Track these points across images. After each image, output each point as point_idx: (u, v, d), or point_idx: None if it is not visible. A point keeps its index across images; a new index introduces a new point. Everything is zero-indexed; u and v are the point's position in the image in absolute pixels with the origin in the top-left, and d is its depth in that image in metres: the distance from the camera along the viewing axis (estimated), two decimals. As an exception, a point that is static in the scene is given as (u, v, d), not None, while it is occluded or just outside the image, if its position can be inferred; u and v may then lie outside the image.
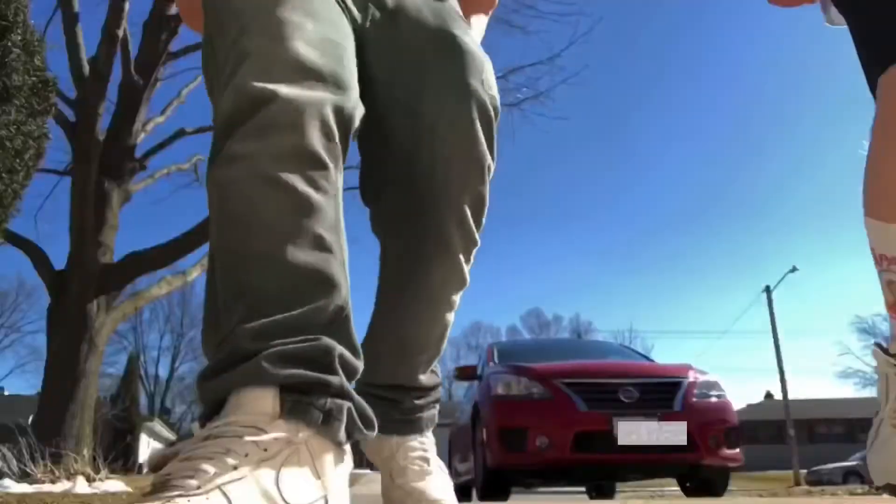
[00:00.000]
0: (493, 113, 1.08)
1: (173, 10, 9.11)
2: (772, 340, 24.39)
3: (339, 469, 0.69)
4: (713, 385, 4.96)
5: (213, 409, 0.69)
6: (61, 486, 5.20)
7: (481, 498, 4.92)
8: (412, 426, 1.19)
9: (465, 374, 6.24)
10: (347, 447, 0.71)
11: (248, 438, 0.63)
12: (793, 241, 67.62)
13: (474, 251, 1.14)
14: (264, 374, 0.66)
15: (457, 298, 1.16)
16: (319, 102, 0.77)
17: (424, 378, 1.20)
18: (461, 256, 1.11)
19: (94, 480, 5.58)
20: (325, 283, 0.73)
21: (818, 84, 69.73)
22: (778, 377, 24.62)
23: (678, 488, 5.52)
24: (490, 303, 73.61)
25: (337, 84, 0.80)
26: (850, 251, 70.45)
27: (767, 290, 25.20)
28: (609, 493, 7.80)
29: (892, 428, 1.34)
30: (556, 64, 9.85)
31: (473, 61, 1.07)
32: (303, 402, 0.67)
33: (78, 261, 7.44)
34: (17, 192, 4.34)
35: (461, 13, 1.19)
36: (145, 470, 34.33)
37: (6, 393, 38.26)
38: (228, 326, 0.71)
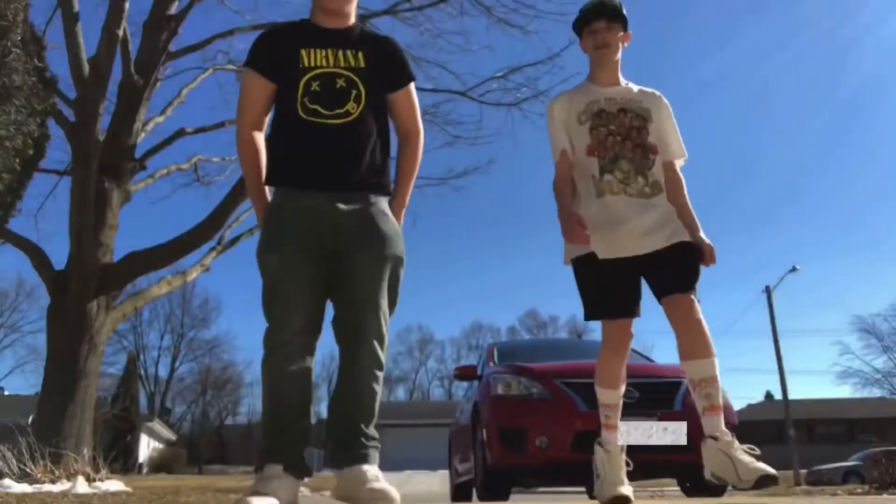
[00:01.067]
0: (398, 264, 2.18)
1: (173, 9, 9.11)
2: (772, 340, 24.40)
3: (301, 484, 2.16)
4: (713, 385, 4.96)
5: (260, 463, 2.09)
6: (61, 486, 5.20)
7: (481, 498, 4.92)
8: (365, 458, 2.07)
9: (465, 374, 6.23)
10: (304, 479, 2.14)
11: (286, 477, 2.06)
12: (793, 241, 67.62)
13: (385, 339, 2.15)
14: (277, 457, 2.06)
15: (380, 373, 2.14)
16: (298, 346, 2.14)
17: (368, 431, 2.11)
18: (373, 345, 2.11)
19: (93, 480, 5.58)
20: (303, 421, 2.12)
21: (819, 84, 69.78)
22: (778, 377, 24.64)
23: (678, 488, 5.53)
24: (490, 303, 73.65)
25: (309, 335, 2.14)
26: (850, 251, 70.52)
27: (767, 290, 25.21)
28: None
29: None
30: (557, 64, 9.81)
31: (386, 236, 2.14)
32: (292, 466, 2.06)
33: (78, 261, 7.43)
34: (17, 192, 4.34)
35: (387, 210, 2.22)
36: (145, 470, 34.35)
37: (6, 393, 38.26)
38: (266, 429, 2.13)
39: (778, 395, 32.61)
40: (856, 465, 20.87)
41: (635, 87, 2.71)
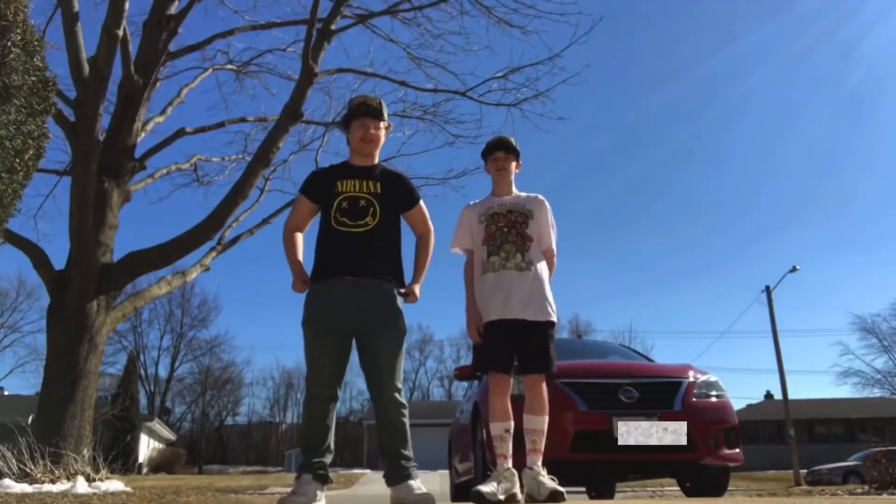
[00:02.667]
0: (403, 336, 3.16)
1: (173, 9, 9.11)
2: (772, 340, 24.39)
3: (324, 487, 3.10)
4: (713, 385, 4.96)
5: (300, 473, 3.05)
6: (61, 486, 5.20)
7: (481, 498, 4.91)
8: (410, 476, 3.05)
9: (464, 374, 6.22)
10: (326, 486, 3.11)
11: (315, 483, 3.04)
12: (793, 241, 67.58)
13: (401, 388, 3.15)
14: (308, 469, 3.05)
15: (405, 410, 3.13)
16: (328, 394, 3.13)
17: (406, 453, 3.09)
18: (396, 394, 3.11)
19: (93, 480, 5.58)
20: (325, 442, 3.10)
21: (821, 84, 69.70)
22: (778, 377, 24.62)
23: (678, 488, 5.52)
24: (490, 303, 73.36)
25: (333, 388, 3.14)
26: (850, 251, 70.47)
27: (767, 290, 25.20)
28: (609, 493, 7.79)
29: None
30: (557, 64, 9.77)
31: (396, 323, 3.12)
32: (318, 476, 3.05)
33: (78, 261, 7.43)
34: (17, 192, 4.33)
35: (395, 294, 3.16)
36: (145, 470, 34.31)
37: (6, 393, 38.24)
38: (301, 447, 3.20)
39: (778, 395, 32.57)
40: (856, 465, 20.83)
41: (524, 195, 3.73)
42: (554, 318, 3.58)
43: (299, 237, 3.26)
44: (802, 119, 71.83)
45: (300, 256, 3.21)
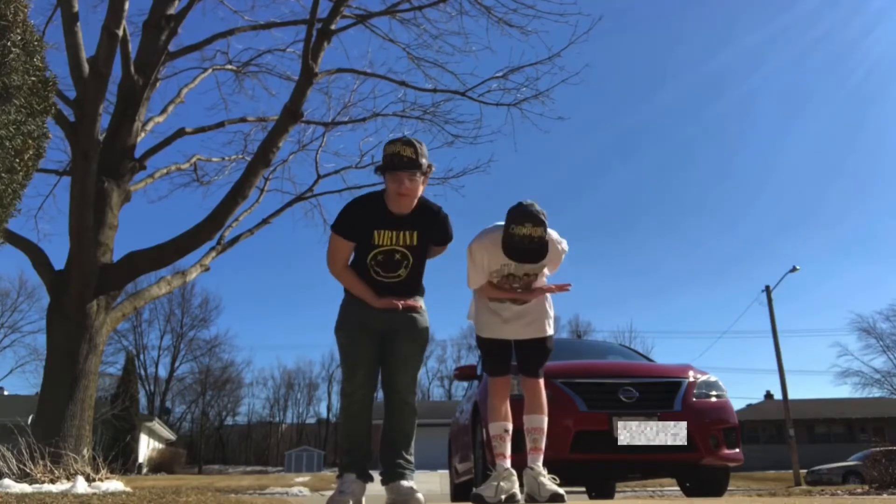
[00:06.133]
0: (425, 344, 3.34)
1: (173, 9, 9.10)
2: (772, 340, 24.39)
3: (366, 485, 3.27)
4: (713, 385, 4.96)
5: (342, 472, 3.26)
6: (61, 486, 5.19)
7: (481, 498, 4.90)
8: (403, 476, 3.20)
9: (464, 374, 6.23)
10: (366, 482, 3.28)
11: (358, 481, 3.24)
12: (793, 242, 67.58)
13: (415, 392, 3.32)
14: (351, 469, 3.24)
15: (415, 414, 3.29)
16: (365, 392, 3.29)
17: (407, 456, 3.25)
18: (409, 396, 3.29)
19: (93, 480, 5.57)
20: (367, 442, 3.28)
21: (820, 83, 69.69)
22: (778, 377, 24.62)
23: (678, 488, 5.53)
24: (490, 303, 73.39)
25: (368, 388, 3.28)
26: (850, 251, 70.48)
27: (767, 290, 25.20)
28: (609, 493, 7.79)
29: None
30: (557, 64, 9.74)
31: (420, 330, 3.31)
32: (361, 474, 3.24)
33: (77, 261, 7.41)
34: (17, 192, 4.32)
35: (422, 305, 3.37)
36: (145, 470, 34.31)
37: (6, 393, 38.25)
38: (343, 448, 3.32)
39: (778, 395, 32.58)
40: (856, 465, 20.83)
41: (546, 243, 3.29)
42: (551, 332, 3.68)
43: (348, 270, 3.32)
44: (804, 120, 71.87)
45: (359, 280, 3.29)
